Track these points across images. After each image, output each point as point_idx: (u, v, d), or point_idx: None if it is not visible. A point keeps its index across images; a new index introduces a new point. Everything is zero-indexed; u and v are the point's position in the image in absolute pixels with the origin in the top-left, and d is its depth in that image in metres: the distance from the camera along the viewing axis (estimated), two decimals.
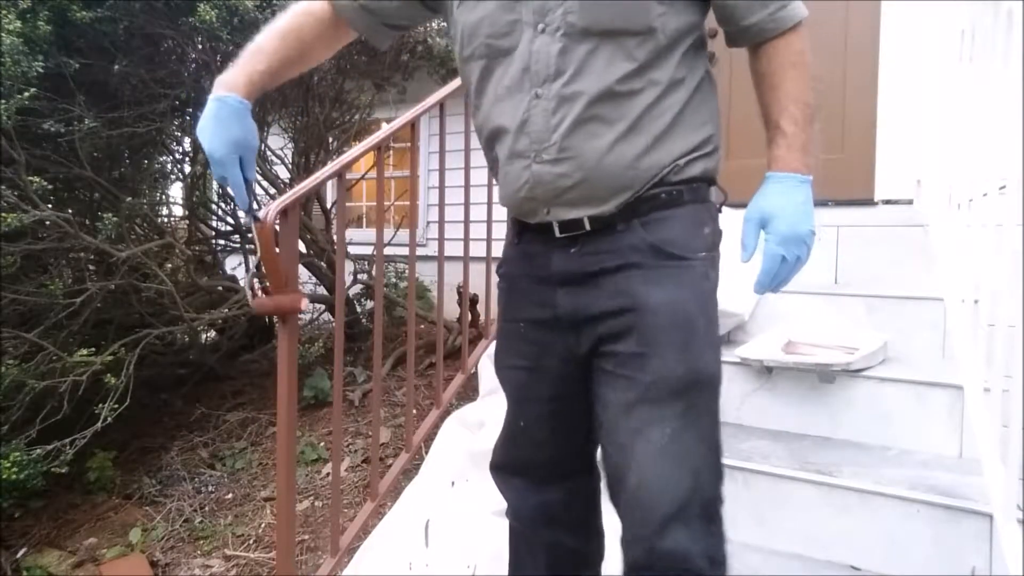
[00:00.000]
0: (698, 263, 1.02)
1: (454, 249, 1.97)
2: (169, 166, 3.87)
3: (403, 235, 2.74)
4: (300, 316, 1.56)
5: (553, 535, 1.18)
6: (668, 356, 0.98)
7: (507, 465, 1.22)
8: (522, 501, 1.20)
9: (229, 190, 1.11)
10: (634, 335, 0.99)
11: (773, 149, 1.02)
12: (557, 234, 1.06)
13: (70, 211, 2.90)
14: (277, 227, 1.29)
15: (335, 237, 3.81)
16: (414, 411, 1.98)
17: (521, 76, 1.02)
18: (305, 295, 1.38)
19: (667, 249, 1.01)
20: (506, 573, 1.47)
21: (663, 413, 0.97)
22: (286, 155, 3.91)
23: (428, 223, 4.95)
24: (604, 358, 1.02)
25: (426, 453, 2.06)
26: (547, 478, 1.17)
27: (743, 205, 1.05)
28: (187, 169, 3.87)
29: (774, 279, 1.00)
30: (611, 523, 1.15)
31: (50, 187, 2.60)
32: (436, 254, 1.97)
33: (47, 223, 2.66)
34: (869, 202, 3.21)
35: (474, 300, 3.44)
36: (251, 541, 2.63)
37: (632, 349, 0.99)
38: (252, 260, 1.30)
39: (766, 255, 1.00)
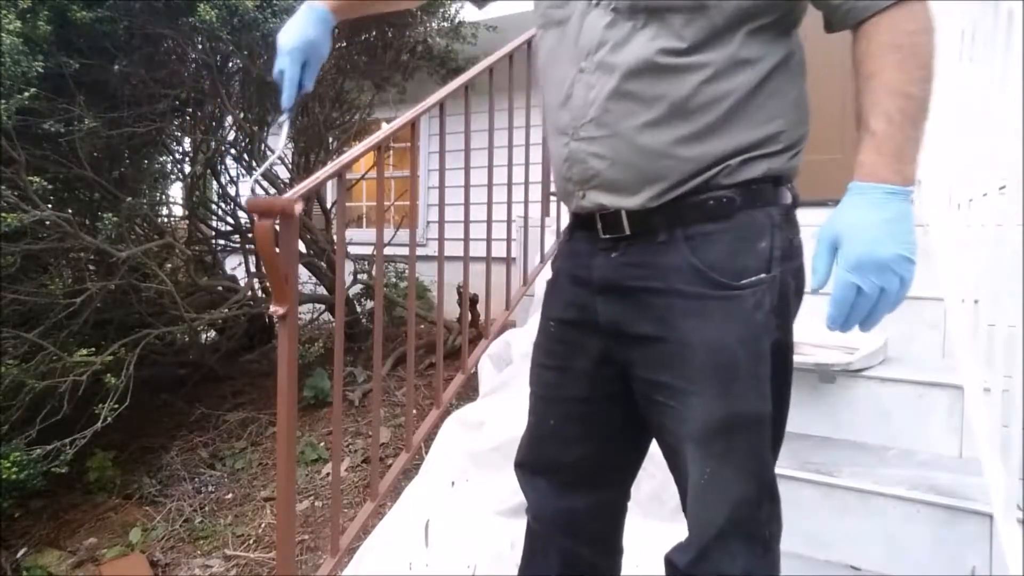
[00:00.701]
0: (748, 292, 0.90)
1: (454, 249, 1.97)
2: (169, 166, 3.87)
3: (403, 235, 2.74)
4: (300, 316, 1.56)
5: (571, 544, 1.12)
6: (707, 397, 0.92)
7: (532, 464, 1.16)
8: (544, 503, 1.14)
9: (281, 82, 1.18)
10: (675, 368, 0.94)
11: (859, 153, 0.86)
12: (601, 234, 0.99)
13: (70, 211, 2.90)
14: (277, 227, 1.29)
15: (335, 237, 3.81)
16: (414, 411, 1.98)
17: (569, 50, 0.97)
18: (299, 200, 1.37)
19: (712, 275, 0.90)
20: (506, 573, 1.47)
21: (704, 452, 0.93)
22: (286, 155, 3.91)
23: (428, 223, 4.96)
24: (651, 386, 0.97)
25: (426, 453, 2.06)
26: (573, 483, 1.11)
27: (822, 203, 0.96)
28: (187, 169, 3.88)
29: (850, 314, 0.83)
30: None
31: (50, 187, 2.60)
32: (436, 254, 1.97)
33: (47, 223, 2.66)
34: None
35: (474, 300, 3.44)
36: (251, 541, 2.63)
37: (675, 383, 0.94)
38: (284, 147, 1.33)
39: (836, 283, 0.84)
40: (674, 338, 0.93)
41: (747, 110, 0.91)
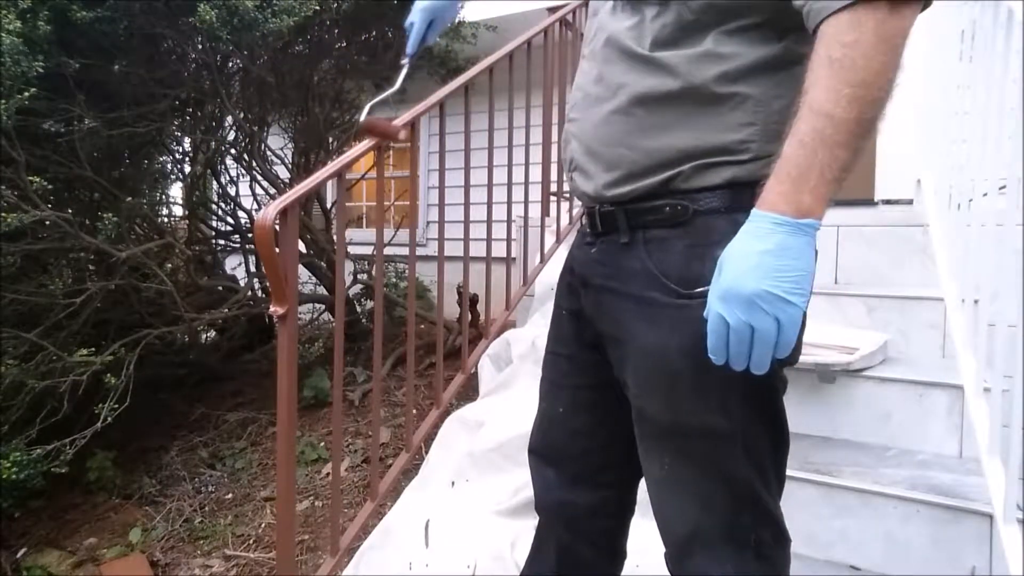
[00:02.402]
0: (698, 303, 0.84)
1: (454, 249, 1.97)
2: (169, 166, 3.88)
3: (403, 235, 2.74)
4: (300, 316, 1.57)
5: (571, 540, 1.11)
6: (655, 403, 0.93)
7: (541, 451, 1.15)
8: (546, 493, 1.13)
9: (410, 32, 1.38)
10: (631, 370, 0.94)
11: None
12: (587, 228, 1.02)
13: (70, 211, 2.90)
14: (277, 227, 1.29)
15: (335, 237, 3.81)
16: (414, 411, 1.98)
17: (587, 39, 1.03)
18: (403, 128, 1.59)
19: (664, 282, 0.89)
20: (506, 573, 1.48)
21: (661, 447, 0.94)
22: (286, 155, 3.92)
23: (428, 223, 4.96)
24: (621, 383, 0.98)
25: (426, 453, 2.06)
26: (578, 477, 1.09)
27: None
28: (187, 169, 3.88)
29: (721, 349, 0.77)
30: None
31: (50, 187, 2.60)
32: (436, 254, 1.97)
33: (47, 223, 2.66)
34: (869, 202, 3.20)
35: (474, 300, 3.44)
36: (251, 541, 2.63)
37: (632, 384, 0.95)
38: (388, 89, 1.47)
39: (707, 311, 0.79)
40: (629, 340, 0.94)
41: (713, 110, 0.87)
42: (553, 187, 2.71)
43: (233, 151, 3.84)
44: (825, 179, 0.73)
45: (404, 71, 1.44)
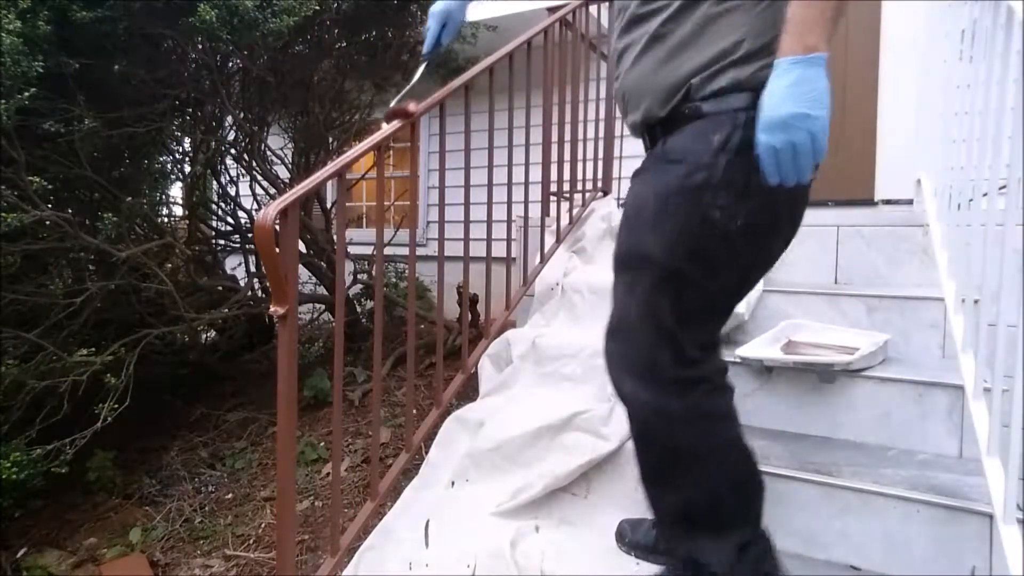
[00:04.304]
0: (681, 165, 1.10)
1: (454, 249, 1.97)
2: (169, 166, 3.87)
3: (403, 235, 2.74)
4: (300, 316, 1.58)
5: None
6: (621, 235, 1.21)
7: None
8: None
9: (426, 35, 1.67)
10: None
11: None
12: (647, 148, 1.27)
13: (70, 211, 2.90)
14: (277, 227, 1.29)
15: (335, 237, 3.81)
16: (414, 411, 1.98)
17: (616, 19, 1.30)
18: (415, 108, 1.74)
19: (667, 155, 1.13)
20: (506, 573, 1.48)
21: (617, 279, 1.22)
22: (286, 155, 3.92)
23: (428, 223, 4.96)
24: None
25: (426, 453, 2.06)
26: None
27: None
28: (187, 169, 3.87)
29: (774, 169, 0.97)
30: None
31: (50, 187, 2.60)
32: (436, 254, 1.97)
33: (47, 223, 2.66)
34: (869, 202, 3.20)
35: (474, 300, 3.44)
36: (251, 541, 2.63)
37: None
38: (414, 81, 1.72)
39: (757, 146, 0.98)
40: (627, 200, 1.24)
41: (711, 29, 1.11)
42: (553, 187, 2.71)
43: (233, 151, 3.84)
44: (821, 23, 0.95)
45: (421, 69, 1.68)
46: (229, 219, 4.08)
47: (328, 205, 4.33)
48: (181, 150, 3.90)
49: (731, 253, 1.12)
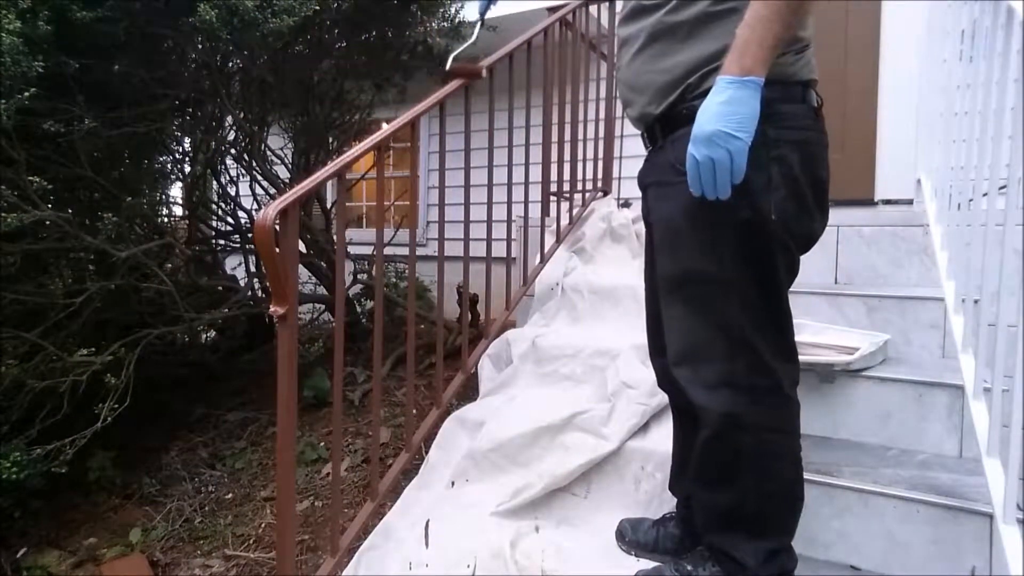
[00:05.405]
0: None
1: (454, 249, 1.97)
2: (169, 166, 3.87)
3: (403, 235, 2.74)
4: (300, 316, 1.58)
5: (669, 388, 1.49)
6: (664, 260, 1.21)
7: (651, 349, 1.47)
8: (662, 376, 1.45)
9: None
10: (655, 242, 1.26)
11: None
12: (647, 146, 1.31)
13: (70, 211, 2.90)
14: (277, 227, 1.29)
15: (335, 237, 3.81)
16: (414, 411, 1.98)
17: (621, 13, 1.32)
18: (483, 67, 1.89)
19: (676, 166, 1.14)
20: (506, 573, 1.48)
21: (669, 299, 1.22)
22: (286, 155, 3.91)
23: (428, 223, 4.96)
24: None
25: (426, 453, 2.06)
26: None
27: None
28: (187, 169, 3.87)
29: (695, 182, 1.04)
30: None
31: (50, 187, 2.59)
32: (436, 254, 1.97)
33: (47, 223, 2.66)
34: (869, 202, 3.21)
35: (474, 300, 3.44)
36: (251, 541, 2.63)
37: (656, 254, 1.25)
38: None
39: (687, 156, 1.05)
40: (655, 219, 1.26)
41: (703, 30, 1.13)
42: (553, 187, 2.71)
43: (233, 151, 3.84)
44: (763, 47, 0.99)
45: (477, 29, 1.85)
46: (229, 219, 4.08)
47: (328, 205, 4.33)
48: (181, 150, 3.90)
49: (779, 246, 1.14)
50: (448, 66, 1.81)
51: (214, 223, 4.13)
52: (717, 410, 1.15)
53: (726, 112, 0.98)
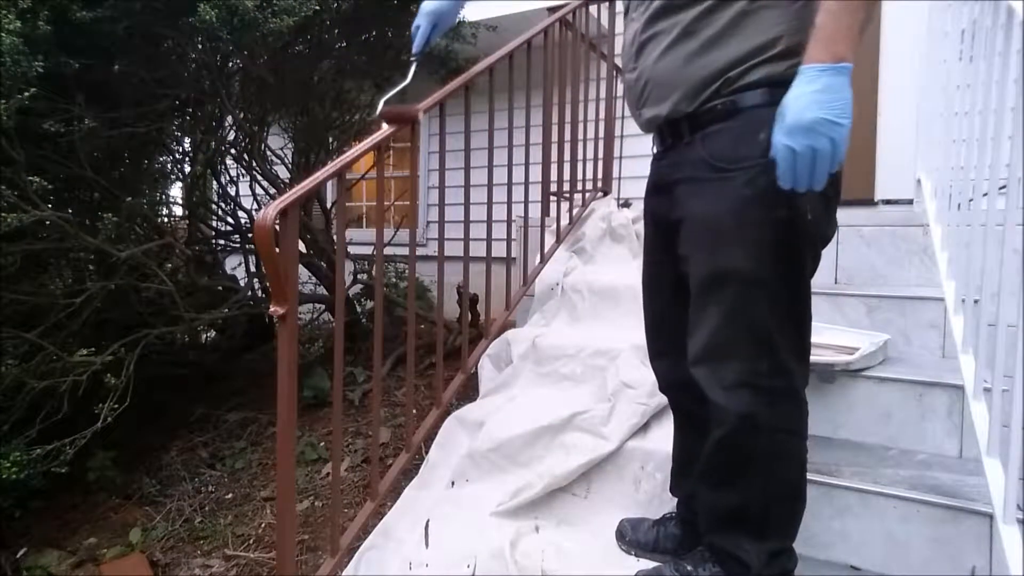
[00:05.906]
0: (739, 173, 1.11)
1: (454, 249, 1.97)
2: (169, 166, 3.87)
3: (403, 235, 2.74)
4: (300, 316, 1.58)
5: (676, 395, 1.46)
6: (701, 257, 1.16)
7: (651, 352, 1.44)
8: (662, 379, 1.44)
9: (415, 35, 1.60)
10: (687, 240, 1.19)
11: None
12: (654, 148, 1.29)
13: (70, 211, 2.90)
14: (277, 227, 1.29)
15: (335, 237, 3.81)
16: (414, 411, 1.98)
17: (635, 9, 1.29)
18: (419, 109, 1.70)
19: (714, 163, 1.13)
20: (506, 573, 1.48)
21: (702, 300, 1.17)
22: (286, 155, 3.91)
23: (428, 223, 4.96)
24: (683, 260, 1.21)
25: (426, 453, 2.06)
26: (678, 356, 1.30)
27: None
28: (187, 169, 3.87)
29: (789, 174, 1.00)
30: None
31: (50, 187, 2.59)
32: (436, 254, 1.97)
33: (47, 223, 2.66)
34: (869, 202, 3.21)
35: (474, 300, 3.44)
36: (251, 541, 2.63)
37: (688, 252, 1.19)
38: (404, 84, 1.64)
39: (774, 148, 1.01)
40: (686, 215, 1.20)
41: (747, 22, 1.12)
42: (553, 187, 2.71)
43: (233, 151, 3.84)
44: (851, 34, 0.99)
45: (412, 69, 1.62)
46: (229, 219, 4.08)
47: (328, 205, 4.33)
48: (181, 150, 3.90)
49: (809, 244, 1.15)
50: (378, 111, 1.64)
51: (214, 223, 4.13)
52: (735, 411, 1.14)
53: (825, 100, 0.97)
